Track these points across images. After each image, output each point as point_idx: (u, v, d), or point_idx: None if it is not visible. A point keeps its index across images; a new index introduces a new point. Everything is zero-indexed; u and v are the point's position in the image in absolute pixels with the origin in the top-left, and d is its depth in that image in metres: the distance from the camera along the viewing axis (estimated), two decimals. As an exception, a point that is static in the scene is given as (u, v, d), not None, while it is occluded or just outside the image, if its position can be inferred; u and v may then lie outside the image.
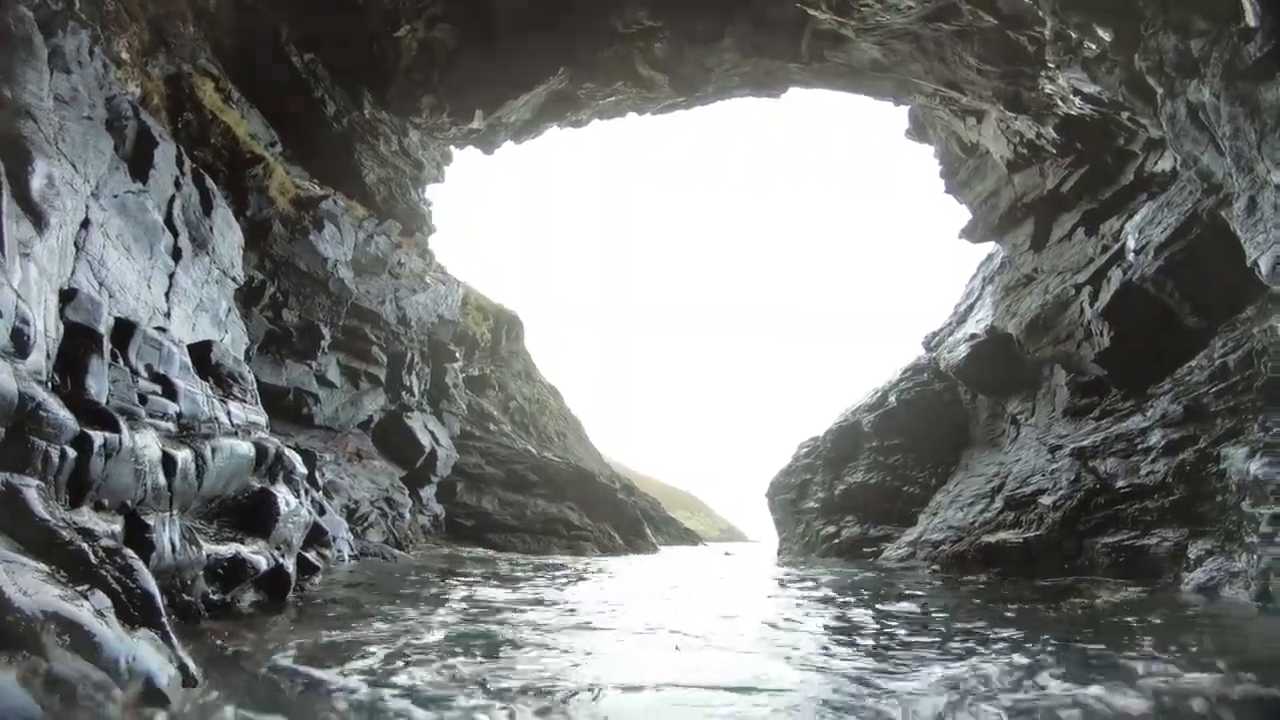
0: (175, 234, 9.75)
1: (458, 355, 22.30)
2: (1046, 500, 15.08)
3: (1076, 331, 15.11)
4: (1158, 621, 7.47)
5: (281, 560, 9.42)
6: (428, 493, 18.85)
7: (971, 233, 18.09)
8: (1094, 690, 4.62)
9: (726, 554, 28.09)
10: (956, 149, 17.98)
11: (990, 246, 19.23)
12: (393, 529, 16.43)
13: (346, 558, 13.65)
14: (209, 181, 10.97)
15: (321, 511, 13.23)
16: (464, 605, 8.80)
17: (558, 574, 13.51)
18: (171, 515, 7.60)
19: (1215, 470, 10.16)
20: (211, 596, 7.80)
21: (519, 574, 13.07)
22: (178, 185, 10.16)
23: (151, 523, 6.94)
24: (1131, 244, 12.35)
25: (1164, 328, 12.02)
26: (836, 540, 24.25)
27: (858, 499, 24.49)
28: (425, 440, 18.68)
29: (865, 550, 22.02)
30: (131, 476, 6.86)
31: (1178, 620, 7.77)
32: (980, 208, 17.26)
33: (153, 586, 5.36)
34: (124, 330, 7.31)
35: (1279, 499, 8.37)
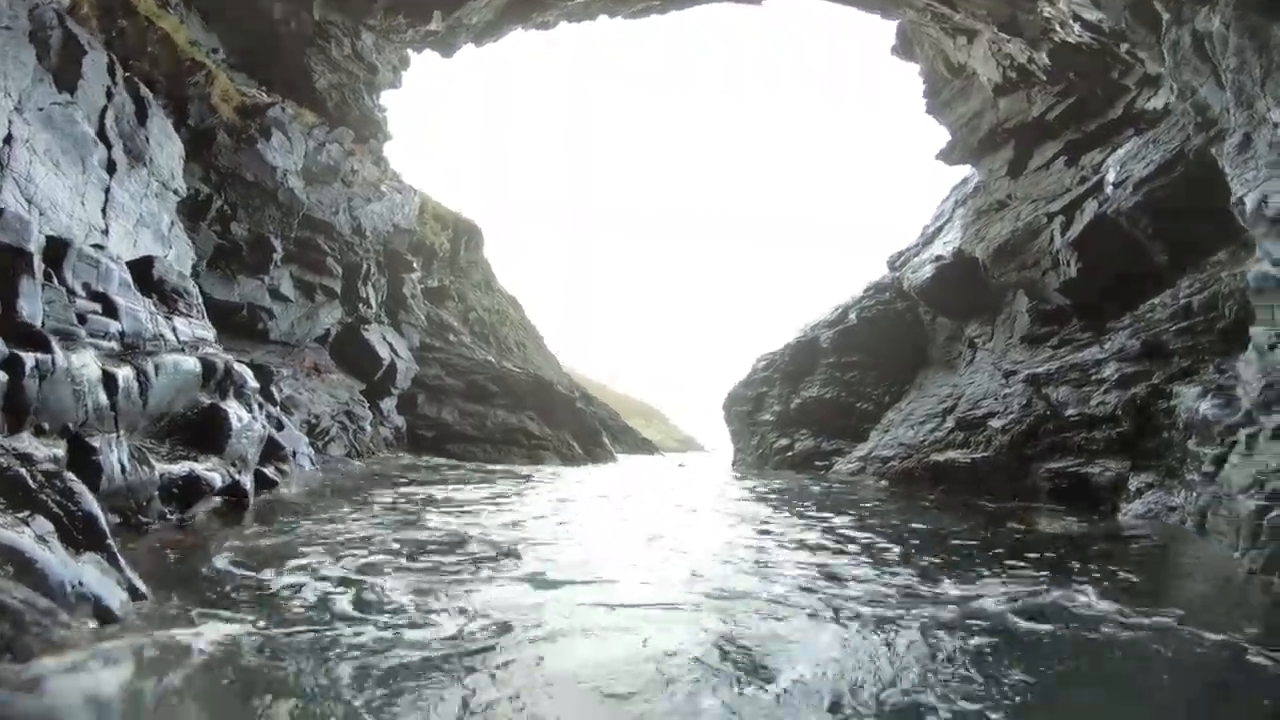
0: (109, 146, 8.90)
1: (415, 266, 21.31)
2: (997, 423, 15.73)
3: (1044, 259, 15.24)
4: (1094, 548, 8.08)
5: (237, 476, 9.16)
6: (388, 405, 18.47)
7: (949, 154, 17.73)
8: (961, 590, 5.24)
9: (680, 465, 28.89)
10: (943, 68, 17.26)
11: (966, 170, 18.97)
12: (354, 442, 16.13)
13: (307, 471, 13.41)
14: (143, 90, 9.97)
15: (280, 426, 12.79)
16: (404, 506, 9.27)
17: (504, 479, 14.14)
18: (118, 436, 7.25)
19: (1165, 407, 10.63)
20: (169, 516, 7.59)
21: (468, 479, 13.60)
22: (109, 95, 9.30)
23: (97, 444, 6.66)
24: (1111, 177, 12.25)
25: (1132, 263, 12.18)
26: (790, 453, 25.15)
27: (812, 413, 25.24)
28: (384, 353, 18.07)
29: (817, 464, 22.93)
30: (71, 398, 6.51)
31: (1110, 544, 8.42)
32: (960, 130, 16.84)
33: (95, 509, 5.29)
34: (57, 249, 6.67)
35: (1223, 440, 8.82)
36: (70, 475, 5.51)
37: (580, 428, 26.13)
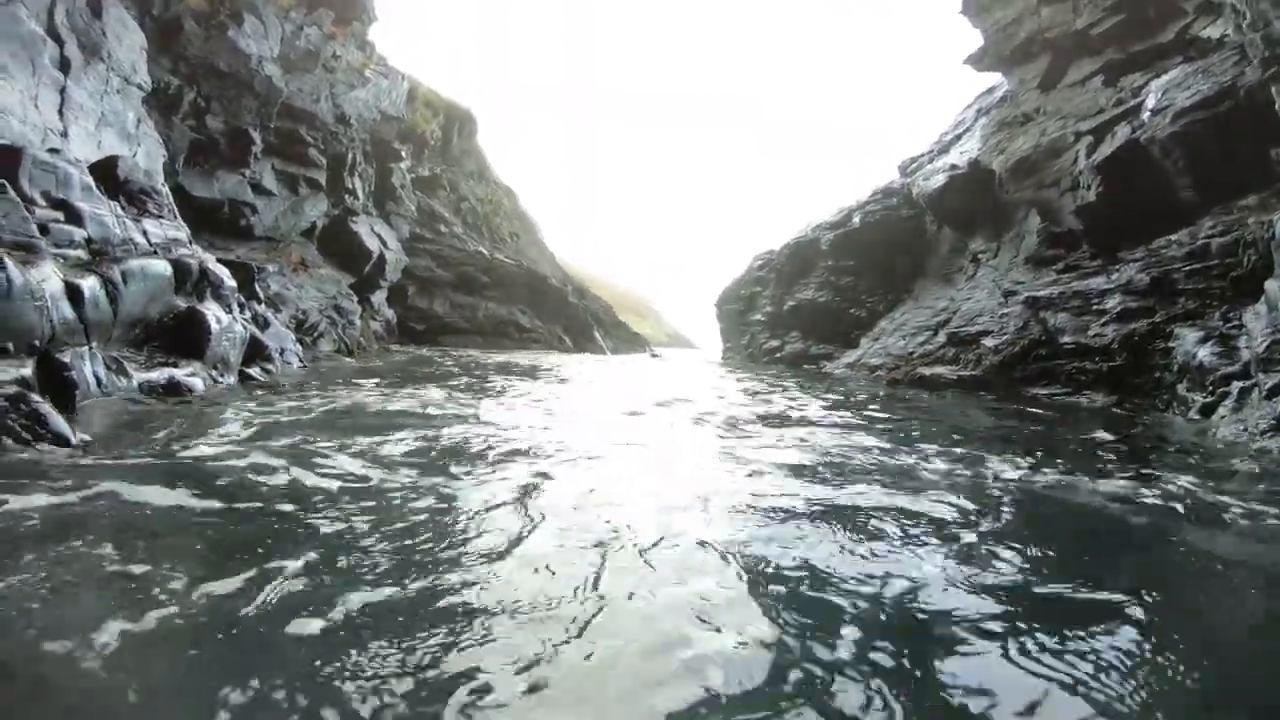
0: (60, 43, 7.86)
1: (404, 155, 20.06)
2: (989, 342, 15.81)
3: (1064, 180, 14.68)
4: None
5: (220, 379, 9.12)
6: (378, 298, 18.10)
7: (979, 60, 16.46)
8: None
9: (653, 355, 28.72)
10: (987, -35, 15.61)
11: (994, 78, 17.72)
12: (344, 337, 15.94)
13: (295, 369, 13.34)
14: None
15: (265, 325, 12.56)
16: (369, 390, 9.24)
17: (487, 365, 14.23)
18: (91, 348, 7.10)
19: (1162, 347, 10.66)
20: (153, 424, 7.58)
21: (452, 367, 13.60)
22: None
23: (68, 359, 6.54)
24: (1151, 103, 11.50)
25: (1155, 195, 11.74)
26: (779, 354, 25.41)
27: (804, 315, 25.25)
28: (373, 244, 17.43)
29: (805, 366, 23.22)
30: (34, 314, 6.33)
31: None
32: (996, 35, 15.51)
33: (65, 428, 5.24)
34: (9, 156, 6.11)
35: (1215, 390, 8.93)
36: (35, 397, 5.41)
37: (571, 322, 26.05)
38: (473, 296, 22.34)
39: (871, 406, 10.06)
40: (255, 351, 11.13)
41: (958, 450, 6.03)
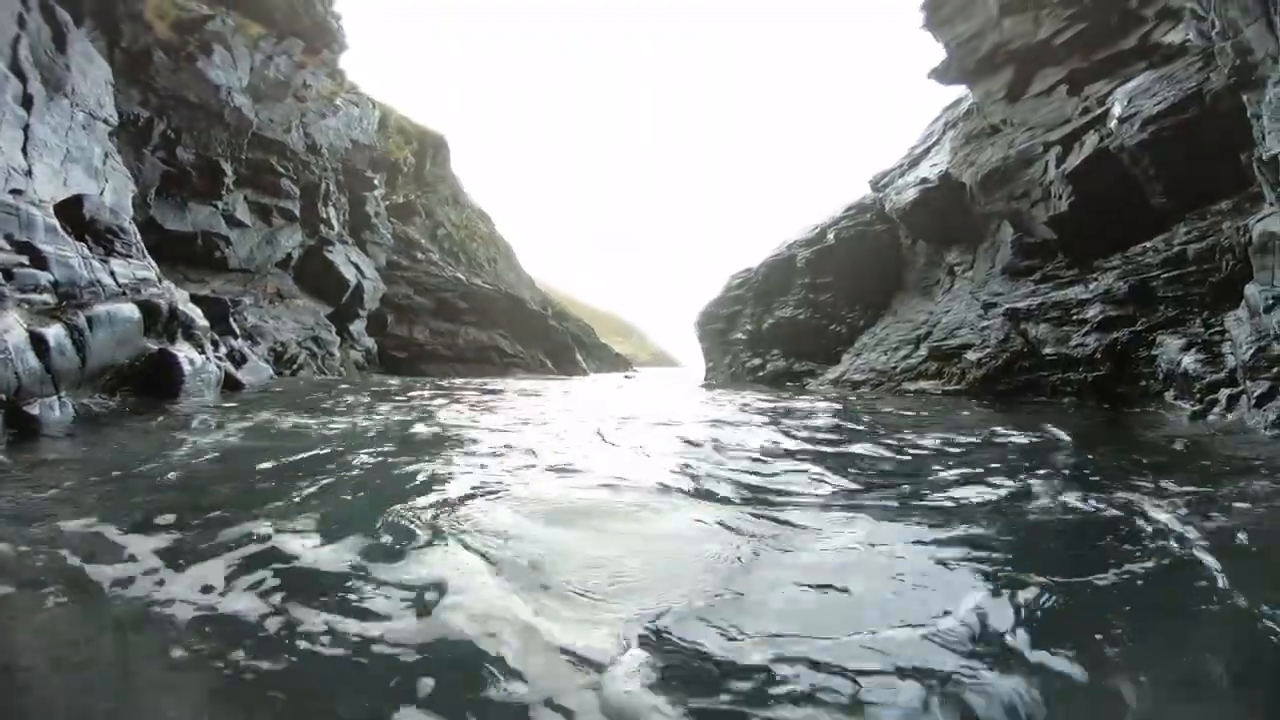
0: (24, 79, 7.76)
1: (377, 182, 19.84)
2: (972, 356, 15.94)
3: (1034, 190, 14.94)
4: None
5: None
6: (357, 327, 17.73)
7: (944, 74, 16.79)
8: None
9: (626, 376, 28.45)
10: (947, -19, 15.98)
11: (959, 91, 18.11)
12: (323, 367, 15.56)
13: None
14: (60, 12, 8.55)
15: (242, 360, 12.19)
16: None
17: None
18: (60, 397, 6.83)
19: (1146, 355, 10.80)
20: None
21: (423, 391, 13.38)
22: (21, 23, 8.03)
23: (35, 412, 6.36)
24: (1118, 110, 11.78)
25: (1128, 203, 11.97)
26: (762, 373, 25.39)
27: (785, 333, 25.30)
28: (349, 274, 17.09)
29: (789, 384, 23.22)
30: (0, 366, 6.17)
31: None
32: (959, 48, 15.84)
33: None
34: None
35: (1203, 398, 9.03)
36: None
37: (552, 345, 25.81)
38: (452, 323, 22.02)
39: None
40: (231, 387, 10.80)
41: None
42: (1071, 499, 4.11)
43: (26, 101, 7.45)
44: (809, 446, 6.55)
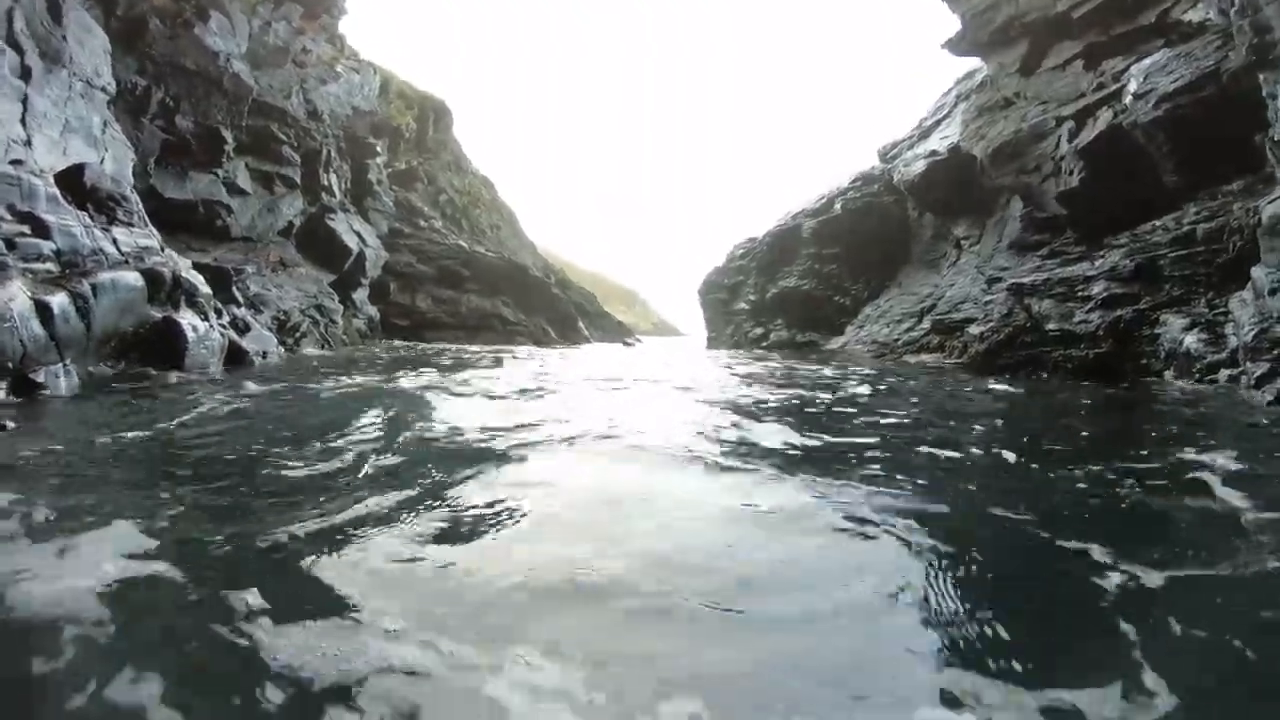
0: (20, 51, 7.67)
1: (379, 149, 19.60)
2: (975, 330, 15.91)
3: (1045, 165, 14.76)
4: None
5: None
6: (360, 295, 17.73)
7: (957, 45, 16.39)
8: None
9: (626, 344, 28.34)
10: (966, -51, 15.50)
11: (973, 63, 17.71)
12: (326, 335, 15.61)
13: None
14: None
15: (245, 329, 12.25)
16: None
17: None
18: (66, 365, 6.96)
19: (1148, 333, 10.79)
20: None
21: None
22: None
23: (41, 379, 6.51)
24: (1133, 87, 11.56)
25: (1139, 180, 11.84)
26: (764, 342, 25.41)
27: (789, 304, 25.23)
28: (351, 241, 17.02)
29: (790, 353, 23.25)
30: (3, 335, 6.29)
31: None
32: (974, 19, 15.43)
33: None
34: None
35: (1203, 378, 9.07)
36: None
37: (555, 313, 25.80)
38: (455, 290, 21.99)
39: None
40: (236, 356, 10.88)
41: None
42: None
43: (24, 73, 7.40)
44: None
